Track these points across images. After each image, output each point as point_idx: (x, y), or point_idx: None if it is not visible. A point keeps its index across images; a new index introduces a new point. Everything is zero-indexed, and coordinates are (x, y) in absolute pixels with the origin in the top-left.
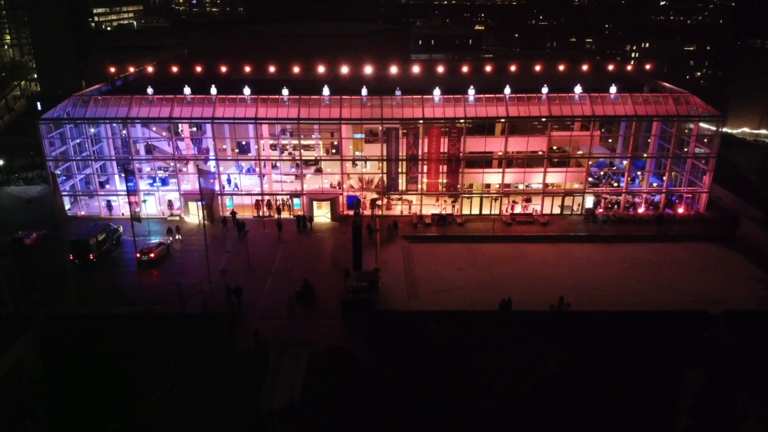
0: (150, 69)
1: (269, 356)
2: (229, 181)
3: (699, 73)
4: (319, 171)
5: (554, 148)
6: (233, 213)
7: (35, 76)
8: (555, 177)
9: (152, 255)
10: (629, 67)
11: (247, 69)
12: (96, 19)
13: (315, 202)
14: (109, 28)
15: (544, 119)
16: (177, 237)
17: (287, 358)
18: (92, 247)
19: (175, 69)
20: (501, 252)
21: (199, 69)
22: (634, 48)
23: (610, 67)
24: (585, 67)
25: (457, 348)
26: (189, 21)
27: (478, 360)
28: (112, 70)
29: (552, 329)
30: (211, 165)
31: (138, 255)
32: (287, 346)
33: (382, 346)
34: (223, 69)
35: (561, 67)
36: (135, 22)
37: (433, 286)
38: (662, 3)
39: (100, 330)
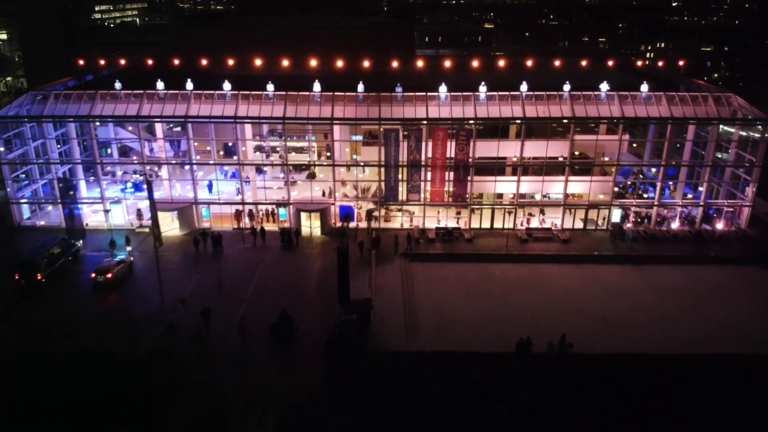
0: (123, 62)
1: (230, 415)
2: (210, 187)
3: (716, 75)
4: (312, 177)
5: (576, 153)
6: (203, 233)
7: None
8: (577, 187)
9: (109, 276)
10: (660, 64)
11: (231, 62)
12: (99, 16)
13: (303, 214)
14: (112, 25)
15: (566, 121)
16: (128, 249)
17: (252, 417)
18: (40, 265)
19: (150, 62)
20: (516, 275)
21: (177, 62)
22: (649, 48)
23: (639, 64)
24: (610, 63)
25: (466, 402)
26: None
27: (492, 418)
28: (81, 62)
29: (581, 377)
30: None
31: (93, 275)
32: (253, 399)
33: (374, 399)
34: (204, 62)
35: (583, 63)
36: (138, 20)
37: (437, 319)
38: (674, 4)
39: (35, 369)
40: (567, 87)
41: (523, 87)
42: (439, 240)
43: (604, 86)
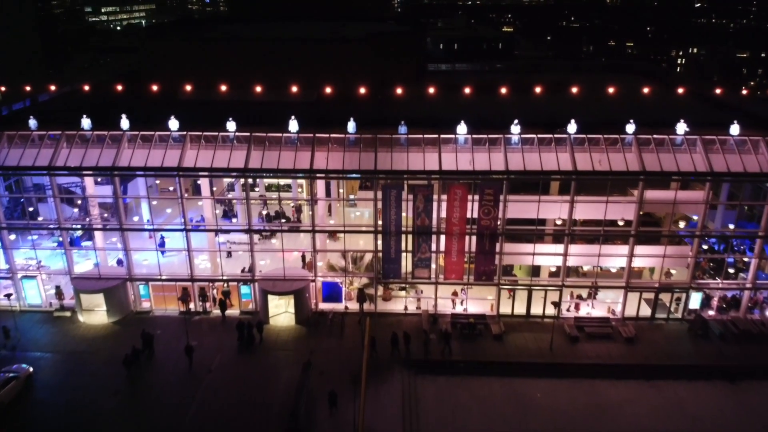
0: (53, 88)
1: None
2: (162, 245)
3: (752, 83)
4: (296, 228)
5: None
6: (135, 351)
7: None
8: (643, 260)
9: None
10: (744, 92)
11: (189, 88)
12: (105, 18)
13: (270, 296)
14: (119, 28)
15: (637, 177)
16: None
17: None
18: None
19: (87, 88)
20: (566, 402)
21: (120, 88)
22: (680, 53)
23: (717, 92)
24: (681, 91)
25: None
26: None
27: None
28: (2, 89)
29: None
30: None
31: None
32: None
33: None
34: (155, 88)
35: (645, 90)
36: (144, 21)
37: None
38: (697, 5)
39: None
40: (631, 127)
41: (572, 127)
42: (457, 335)
43: (682, 126)
